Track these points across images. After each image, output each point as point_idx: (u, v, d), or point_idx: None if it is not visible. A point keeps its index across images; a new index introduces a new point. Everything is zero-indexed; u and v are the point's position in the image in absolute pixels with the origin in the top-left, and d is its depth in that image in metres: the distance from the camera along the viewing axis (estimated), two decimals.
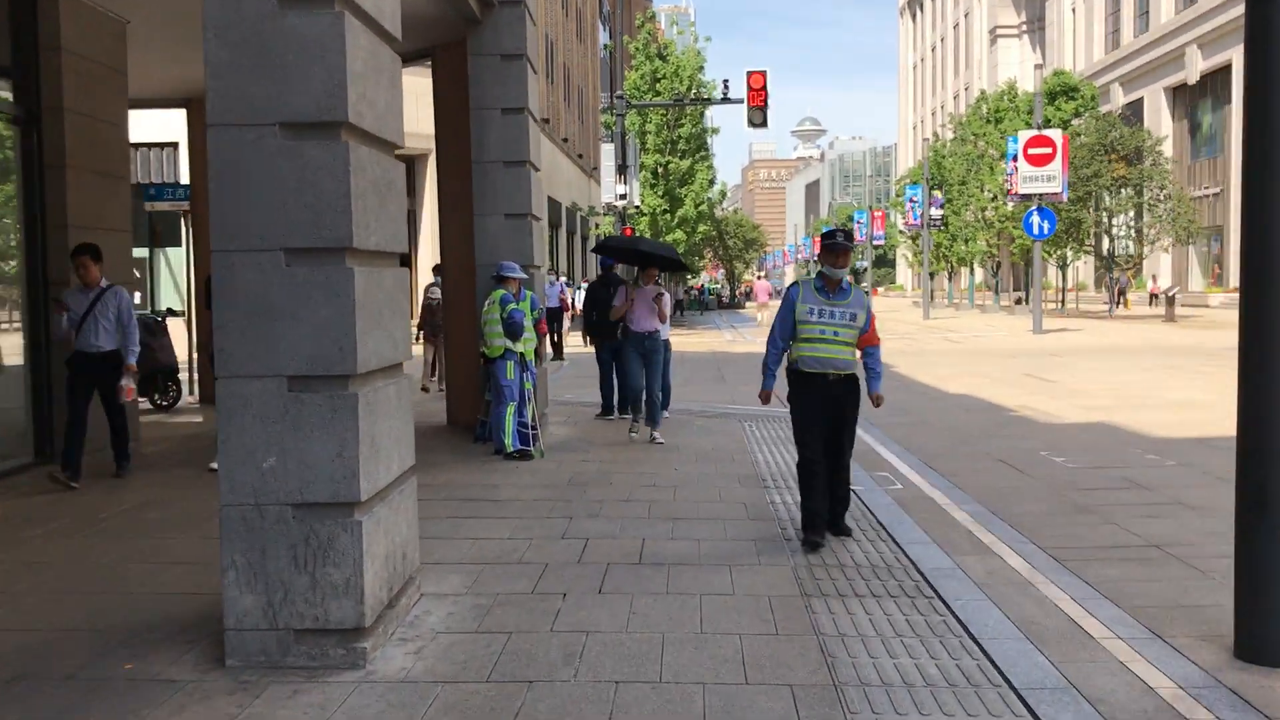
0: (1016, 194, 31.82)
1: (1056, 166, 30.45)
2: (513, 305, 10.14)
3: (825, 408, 6.71)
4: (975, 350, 25.12)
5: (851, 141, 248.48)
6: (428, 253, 31.91)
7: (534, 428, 10.46)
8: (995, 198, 55.12)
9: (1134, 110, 57.97)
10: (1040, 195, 30.70)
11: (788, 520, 7.38)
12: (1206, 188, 53.45)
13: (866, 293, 7.52)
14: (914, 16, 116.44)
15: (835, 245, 6.54)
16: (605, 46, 57.01)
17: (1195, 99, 56.63)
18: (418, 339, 17.32)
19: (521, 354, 10.36)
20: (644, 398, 11.46)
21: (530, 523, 7.33)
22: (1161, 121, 56.16)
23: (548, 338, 21.73)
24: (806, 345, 6.53)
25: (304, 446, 4.52)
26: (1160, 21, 57.84)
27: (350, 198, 4.51)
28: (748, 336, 35.63)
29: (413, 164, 32.14)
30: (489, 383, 10.61)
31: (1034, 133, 30.90)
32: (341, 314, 4.51)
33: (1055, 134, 31.04)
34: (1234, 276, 52.00)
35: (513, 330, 10.13)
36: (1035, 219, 30.71)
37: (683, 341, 31.48)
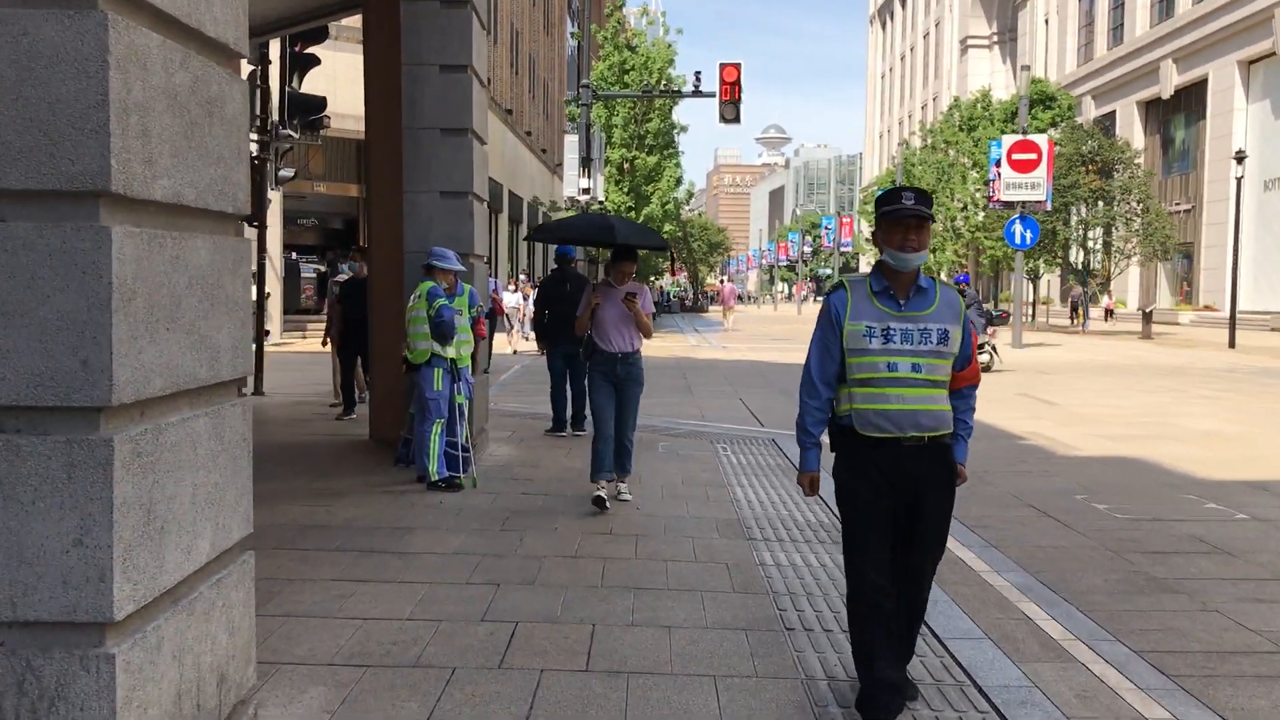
0: (998, 201, 30.36)
1: (1041, 174, 29.03)
2: (441, 301, 8.28)
3: (897, 494, 4.00)
4: None
5: (817, 149, 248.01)
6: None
7: (466, 450, 8.63)
8: (965, 207, 53.89)
9: (1105, 124, 56.97)
10: (1023, 204, 29.26)
11: (785, 595, 5.60)
12: (1178, 204, 52.56)
13: (961, 293, 4.42)
14: (884, 25, 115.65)
15: (902, 214, 3.85)
16: (573, 35, 55.19)
17: (1168, 114, 55.82)
18: (325, 343, 13.99)
19: (453, 360, 8.51)
20: (611, 445, 7.93)
21: (443, 591, 5.50)
22: (1133, 136, 55.23)
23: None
24: (865, 391, 3.91)
25: (17, 527, 2.67)
26: (1135, 34, 56.99)
27: (109, 108, 2.67)
28: (712, 341, 33.93)
29: (360, 147, 30.11)
30: (413, 394, 8.76)
31: (1019, 137, 29.46)
32: (91, 305, 2.67)
33: (1041, 139, 29.62)
34: (1204, 295, 51.18)
35: (441, 332, 8.29)
36: (1018, 228, 29.24)
37: (644, 347, 29.70)
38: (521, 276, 34.85)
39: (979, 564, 6.49)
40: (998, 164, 30.37)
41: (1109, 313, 52.21)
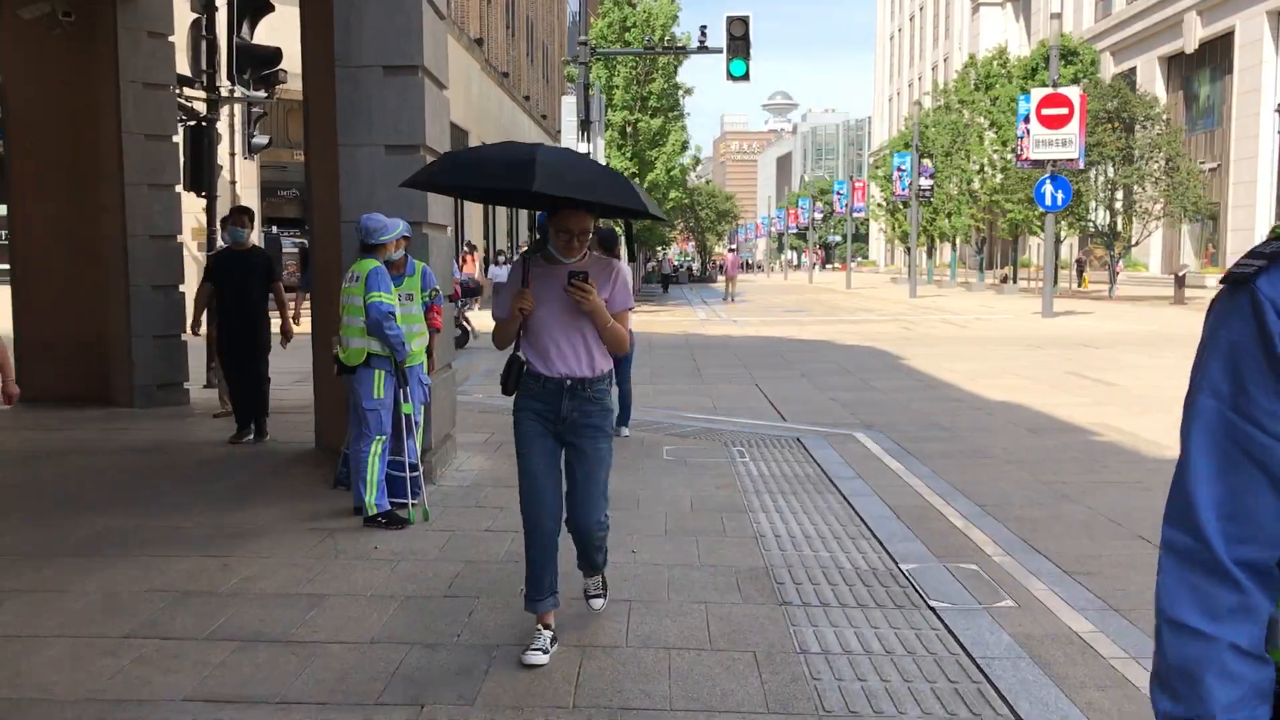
0: (1028, 160, 28.35)
1: (1073, 129, 26.99)
2: (378, 296, 6.45)
3: None
4: (987, 338, 21.64)
5: (824, 115, 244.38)
6: None
7: (416, 471, 6.83)
8: (981, 169, 51.77)
9: (1126, 81, 54.63)
10: (1053, 162, 27.25)
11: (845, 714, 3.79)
12: (1203, 162, 50.34)
13: None
14: None
15: None
16: None
17: (1192, 69, 53.48)
18: (197, 329, 10.29)
19: (399, 361, 6.70)
20: (554, 548, 4.62)
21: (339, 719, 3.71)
22: (1156, 92, 52.90)
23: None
24: None
25: None
26: None
27: None
28: (722, 315, 32.03)
29: None
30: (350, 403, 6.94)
31: (1049, 90, 27.40)
32: None
33: (1073, 92, 27.56)
34: (1230, 257, 49.06)
35: (373, 334, 6.48)
36: (1048, 188, 27.25)
37: (648, 321, 27.86)
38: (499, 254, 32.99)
39: (1106, 645, 4.66)
40: (1026, 120, 28.33)
41: (1115, 275, 50.19)
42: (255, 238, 25.28)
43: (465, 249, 24.85)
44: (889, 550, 6.01)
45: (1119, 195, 41.71)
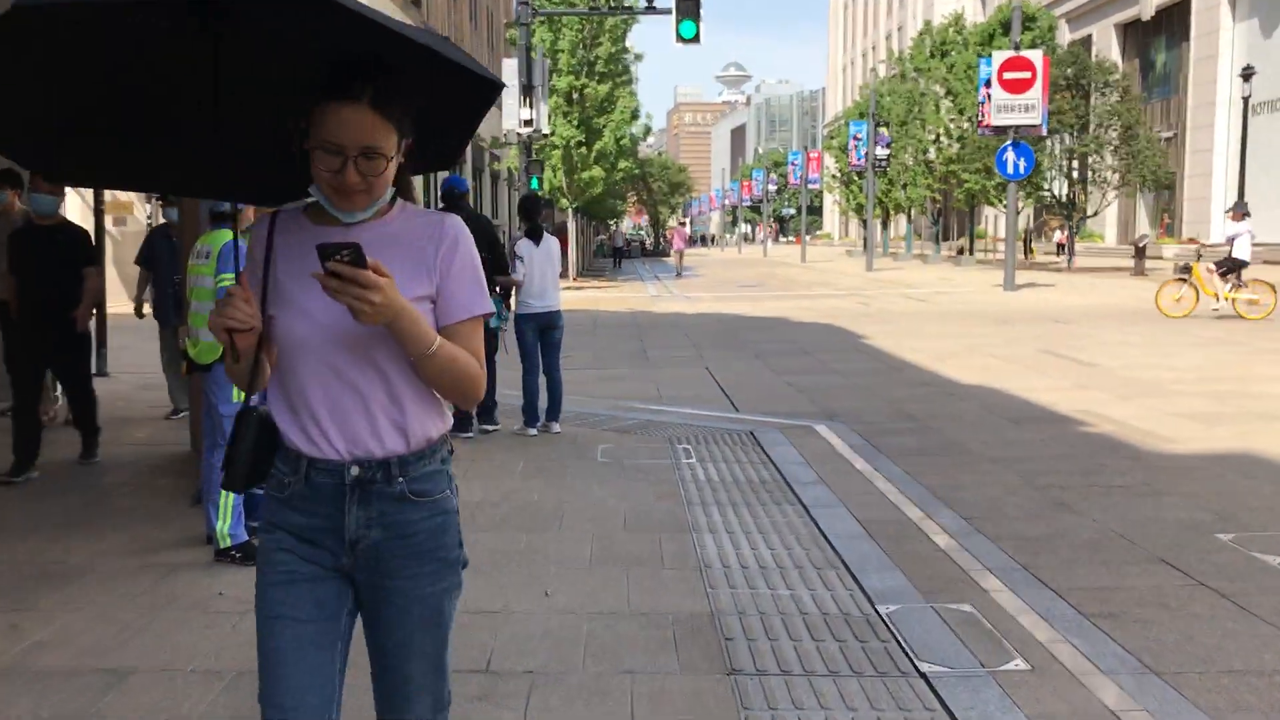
0: (989, 126, 27.39)
1: (1036, 94, 26.04)
2: (230, 279, 5.20)
3: None
4: (950, 313, 20.65)
5: (778, 86, 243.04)
6: None
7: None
8: (937, 139, 50.89)
9: (1081, 48, 53.96)
10: (1015, 128, 26.29)
11: None
12: (1159, 131, 49.84)
13: None
14: None
15: None
16: None
17: (1148, 36, 52.97)
18: (139, 308, 9.42)
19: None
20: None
21: None
22: (1111, 60, 52.29)
23: None
24: None
25: None
26: None
27: None
28: (674, 291, 30.87)
29: None
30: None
31: (1011, 53, 26.39)
32: None
33: (1035, 55, 26.57)
34: (1187, 227, 48.64)
35: None
36: (1010, 156, 26.32)
37: (595, 299, 26.63)
38: None
39: None
40: (987, 84, 27.35)
41: (1060, 247, 49.75)
42: (140, 210, 23.68)
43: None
44: (863, 585, 4.87)
45: (1076, 165, 40.97)
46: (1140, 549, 5.48)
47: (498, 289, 8.20)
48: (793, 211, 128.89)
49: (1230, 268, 19.05)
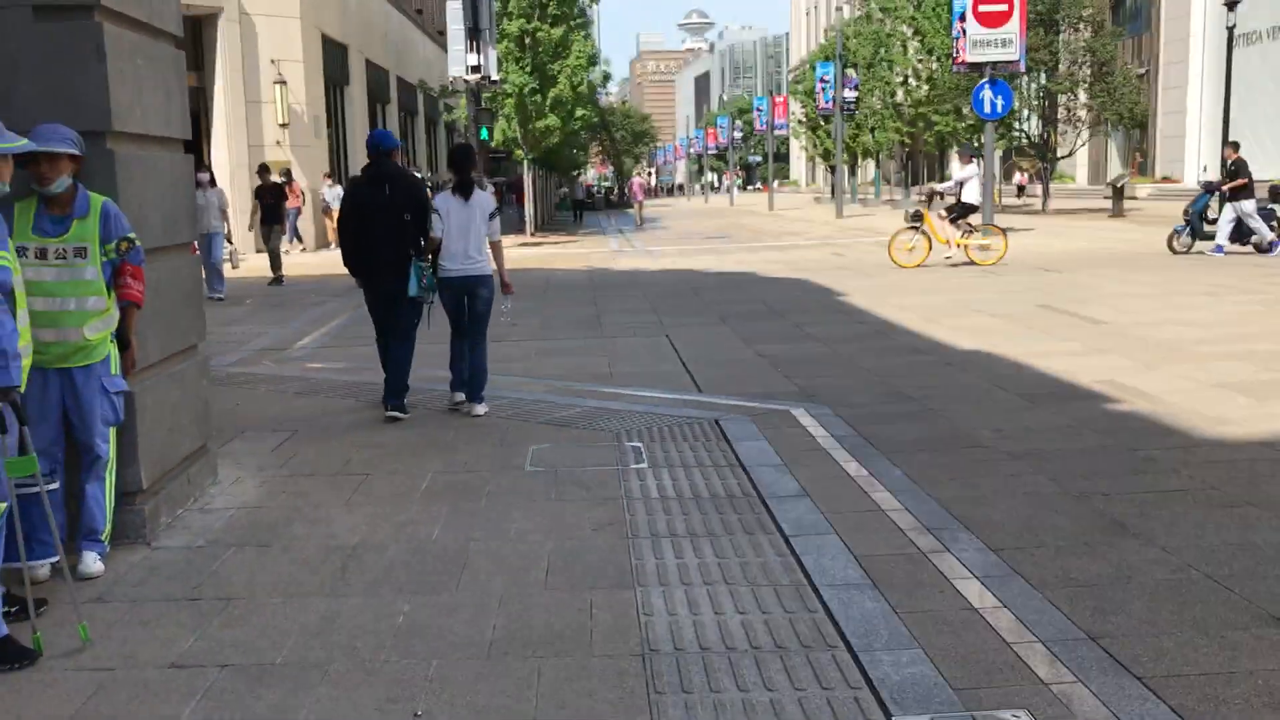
0: (963, 63, 25.77)
1: (1013, 27, 24.43)
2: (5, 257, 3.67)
3: None
4: (930, 263, 19.22)
5: (741, 31, 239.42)
6: (224, 143, 24.62)
7: (54, 557, 4.15)
8: (905, 80, 49.25)
9: None
10: (992, 65, 24.71)
11: None
12: (1130, 68, 48.46)
13: None
14: None
15: None
16: None
17: None
18: None
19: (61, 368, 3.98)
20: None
21: None
22: None
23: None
24: None
25: None
26: None
27: None
28: (636, 245, 29.26)
29: (199, 24, 24.54)
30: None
31: None
32: None
33: None
34: (1161, 165, 47.43)
35: None
36: (987, 94, 24.69)
37: (551, 256, 25.01)
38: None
39: None
40: (961, 19, 25.68)
41: (1021, 189, 48.47)
42: None
43: (281, 178, 21.40)
44: (872, 680, 3.44)
45: (1047, 104, 39.55)
46: (1239, 598, 4.07)
47: (426, 256, 7.42)
48: (759, 159, 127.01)
49: (960, 213, 18.23)
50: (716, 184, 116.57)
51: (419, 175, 21.35)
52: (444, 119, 40.83)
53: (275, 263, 17.85)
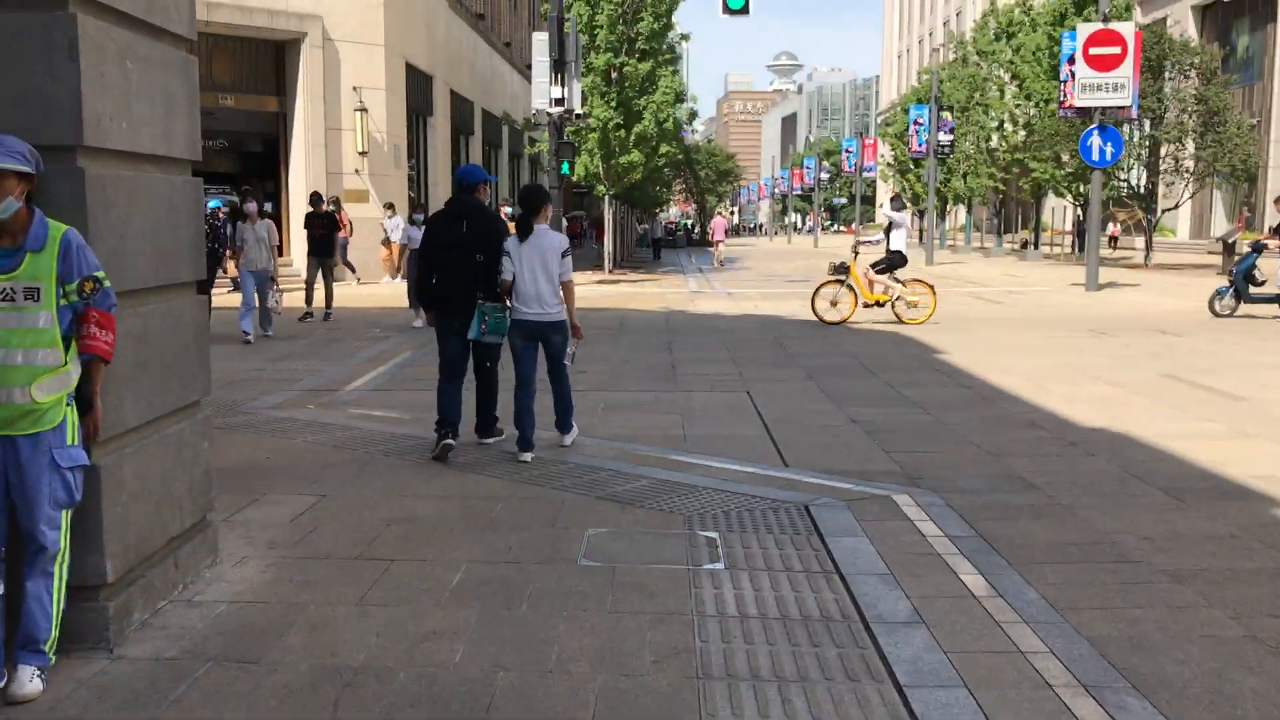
0: (1071, 107, 24.49)
1: (1126, 72, 23.05)
2: None
3: None
4: (1033, 318, 17.91)
5: (830, 74, 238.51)
6: (302, 170, 24.26)
7: (25, 659, 3.31)
8: (1001, 125, 47.78)
9: (1162, 28, 50.53)
10: (1102, 110, 23.36)
11: None
12: (1242, 118, 46.38)
13: None
14: None
15: None
16: None
17: (1230, 18, 49.64)
18: None
19: None
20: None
21: None
22: (1196, 40, 48.84)
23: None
24: None
25: None
26: None
27: None
28: (715, 286, 28.27)
29: (282, 49, 24.31)
30: None
31: (1097, 26, 23.45)
32: None
33: (1126, 29, 23.60)
34: (1269, 218, 45.20)
35: None
36: (1096, 140, 23.38)
37: (629, 295, 24.13)
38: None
39: None
40: (1070, 61, 24.42)
41: (1113, 240, 46.33)
42: None
43: (330, 206, 19.80)
44: None
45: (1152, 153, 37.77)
46: None
47: (496, 298, 7.39)
48: (843, 201, 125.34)
49: (888, 265, 16.55)
50: (799, 224, 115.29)
51: (509, 211, 20.56)
52: (527, 152, 40.43)
53: (321, 296, 16.54)
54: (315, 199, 17.73)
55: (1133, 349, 13.42)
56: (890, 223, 16.79)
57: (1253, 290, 17.38)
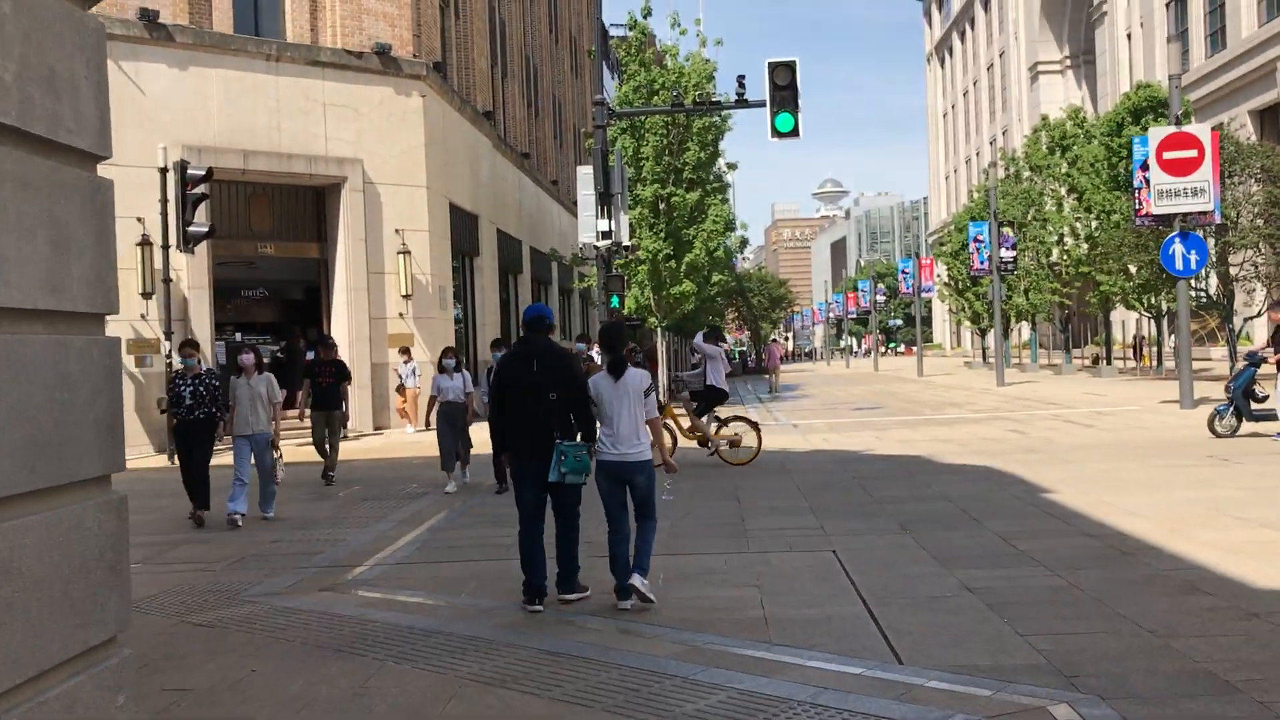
0: (1148, 215, 23.09)
1: (1205, 174, 21.67)
2: None
3: None
4: (1136, 444, 16.18)
5: (878, 198, 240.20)
6: (344, 315, 23.46)
7: None
8: (1061, 239, 46.47)
9: (1228, 129, 49.37)
10: (1182, 216, 21.94)
11: None
12: None
13: None
14: (942, 61, 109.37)
15: None
16: (589, 53, 48.87)
17: None
18: None
19: None
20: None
21: None
22: (1267, 144, 47.57)
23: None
24: None
25: None
26: (1241, 37, 49.66)
27: None
28: (778, 417, 26.80)
29: (322, 194, 23.82)
30: None
31: (1171, 129, 22.22)
32: None
33: (1202, 130, 22.33)
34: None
35: None
36: (1178, 248, 21.90)
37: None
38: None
39: None
40: (1143, 167, 23.16)
41: (1138, 349, 44.22)
42: (209, 347, 20.77)
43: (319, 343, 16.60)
44: None
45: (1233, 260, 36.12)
46: None
47: (575, 438, 7.29)
48: (899, 322, 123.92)
49: (706, 402, 14.95)
50: (855, 348, 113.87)
51: (581, 350, 19.43)
52: (576, 287, 39.77)
53: (328, 457, 14.55)
54: (320, 342, 15.85)
55: (1268, 477, 11.71)
56: (704, 356, 15.21)
57: (1254, 407, 15.68)
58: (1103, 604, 6.78)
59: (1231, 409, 15.73)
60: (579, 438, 7.21)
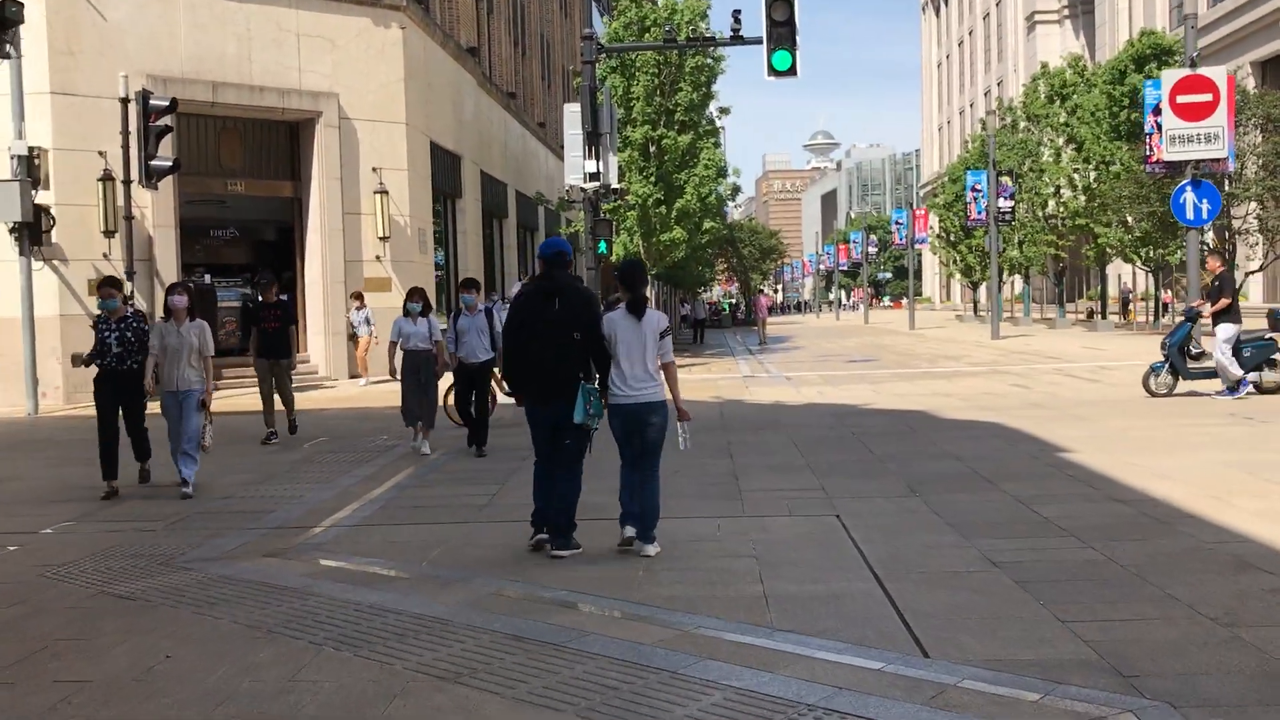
0: (1159, 161, 22.14)
1: (1220, 120, 20.66)
2: None
3: None
4: (1152, 401, 15.36)
5: (869, 150, 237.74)
6: (319, 258, 22.40)
7: None
8: (1058, 191, 45.45)
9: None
10: (1195, 163, 20.99)
11: None
12: None
13: None
14: (937, 10, 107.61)
15: None
16: None
17: None
18: None
19: None
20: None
21: None
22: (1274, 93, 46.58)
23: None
24: None
25: None
26: None
27: None
28: (770, 369, 25.92)
29: (295, 130, 22.66)
30: None
31: (1185, 72, 21.18)
32: None
33: (1218, 74, 21.31)
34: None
35: None
36: (1189, 197, 20.90)
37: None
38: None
39: None
40: (1155, 111, 22.16)
41: (1165, 307, 43.44)
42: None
43: (284, 295, 16.36)
44: None
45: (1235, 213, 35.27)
46: None
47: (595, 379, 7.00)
48: (888, 275, 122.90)
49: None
50: (844, 300, 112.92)
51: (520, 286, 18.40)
52: (563, 232, 38.72)
53: (280, 407, 13.24)
54: (263, 281, 13.95)
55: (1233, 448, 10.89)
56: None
57: (1190, 365, 14.93)
58: (1146, 582, 5.96)
59: (1167, 366, 14.99)
60: (595, 382, 6.96)
